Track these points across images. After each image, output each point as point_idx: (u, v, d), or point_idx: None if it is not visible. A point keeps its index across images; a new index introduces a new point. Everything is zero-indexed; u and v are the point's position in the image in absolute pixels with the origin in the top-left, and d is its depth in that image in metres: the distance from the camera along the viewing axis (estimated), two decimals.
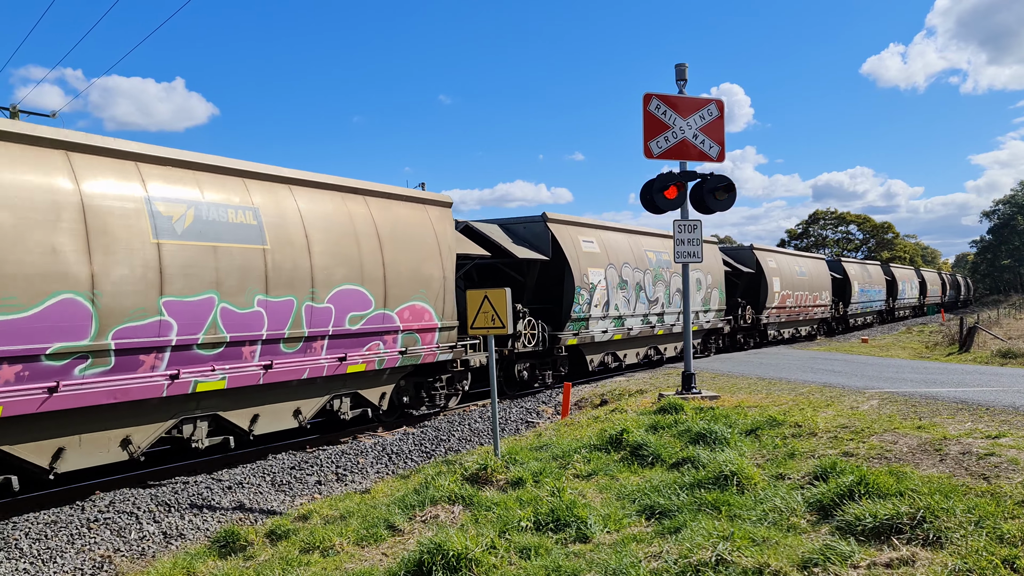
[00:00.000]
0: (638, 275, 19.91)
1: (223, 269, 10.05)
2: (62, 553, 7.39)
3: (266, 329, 10.60)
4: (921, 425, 8.18)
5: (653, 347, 21.42)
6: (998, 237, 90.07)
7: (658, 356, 21.84)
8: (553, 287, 17.56)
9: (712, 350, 25.41)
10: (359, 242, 12.18)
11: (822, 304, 33.49)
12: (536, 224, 17.59)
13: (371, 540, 6.56)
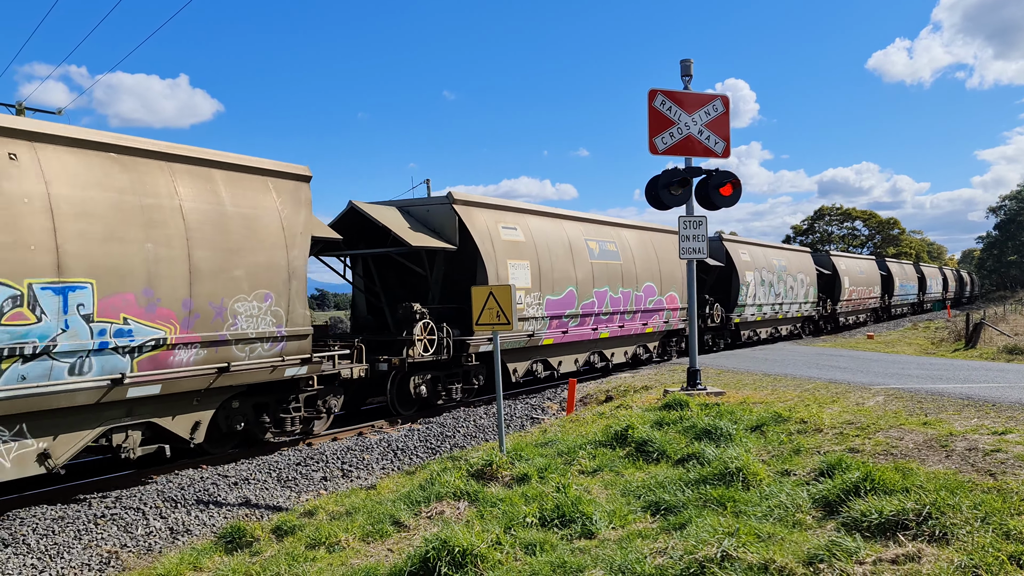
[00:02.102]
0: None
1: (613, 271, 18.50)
2: (69, 548, 7.43)
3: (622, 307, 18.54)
4: (927, 421, 8.16)
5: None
6: (1004, 233, 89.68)
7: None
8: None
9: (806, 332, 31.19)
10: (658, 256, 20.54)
11: (874, 296, 39.57)
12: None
13: (377, 536, 6.58)
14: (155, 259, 9.02)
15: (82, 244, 8.33)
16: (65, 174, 8.38)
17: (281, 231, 10.62)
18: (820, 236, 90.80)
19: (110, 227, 8.62)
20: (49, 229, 8.06)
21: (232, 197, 10.13)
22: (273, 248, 10.48)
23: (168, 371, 9.19)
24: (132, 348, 8.78)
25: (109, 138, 9.00)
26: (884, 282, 43.12)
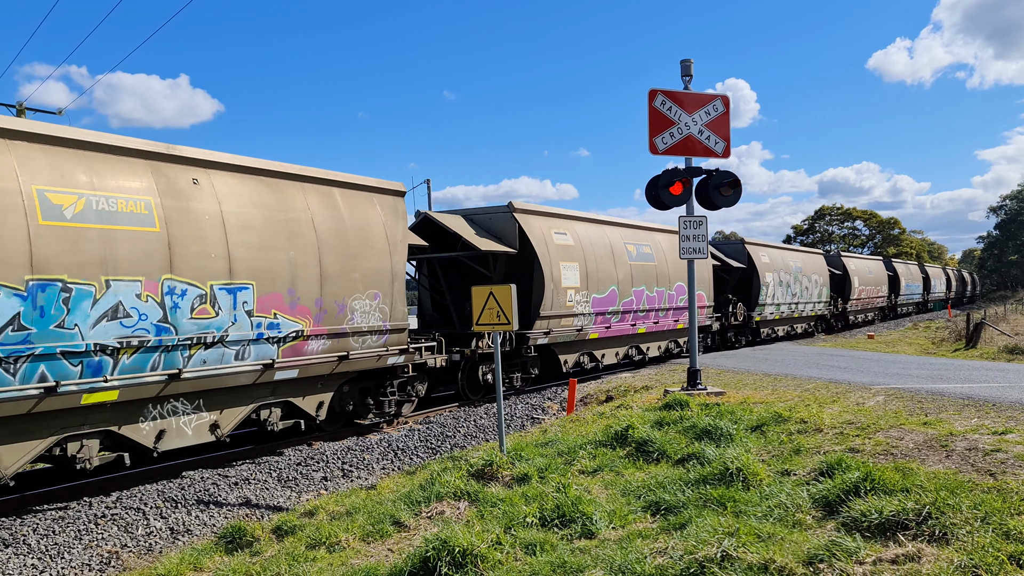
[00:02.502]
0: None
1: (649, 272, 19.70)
2: (70, 549, 7.43)
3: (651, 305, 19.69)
4: (927, 421, 8.16)
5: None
6: (1005, 233, 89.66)
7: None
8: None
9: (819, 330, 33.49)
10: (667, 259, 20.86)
11: (882, 296, 41.43)
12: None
13: (377, 536, 6.58)
14: (295, 264, 10.69)
15: (245, 252, 9.96)
16: (231, 195, 10.03)
17: (385, 239, 12.33)
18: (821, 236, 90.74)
19: (263, 238, 10.28)
20: (223, 240, 9.72)
21: (348, 211, 11.80)
22: (380, 254, 12.17)
23: (303, 358, 10.85)
24: (279, 338, 10.44)
25: (260, 164, 10.68)
26: (891, 282, 44.53)
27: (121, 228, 8.64)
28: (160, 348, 8.97)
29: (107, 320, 8.42)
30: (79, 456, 8.72)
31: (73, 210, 8.25)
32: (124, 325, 8.58)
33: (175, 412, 9.65)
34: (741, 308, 25.51)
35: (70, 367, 8.09)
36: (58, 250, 8.01)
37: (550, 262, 15.81)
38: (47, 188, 8.07)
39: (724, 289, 25.72)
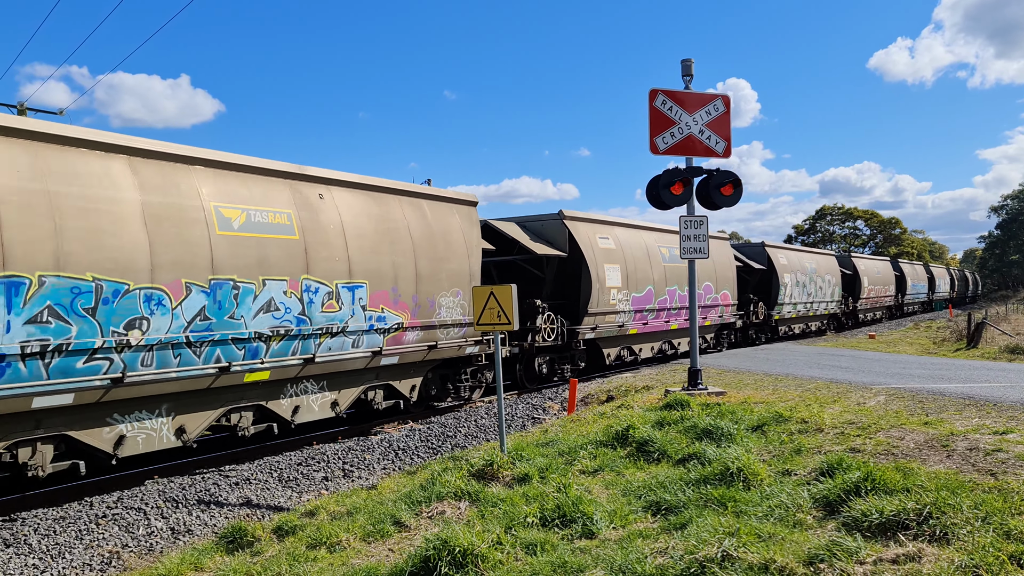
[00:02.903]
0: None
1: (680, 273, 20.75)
2: (71, 549, 7.44)
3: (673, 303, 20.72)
4: (928, 421, 8.16)
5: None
6: (1006, 232, 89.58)
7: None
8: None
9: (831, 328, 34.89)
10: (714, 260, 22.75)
11: (890, 295, 43.53)
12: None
13: (378, 536, 6.59)
14: (397, 266, 12.45)
15: (360, 256, 11.72)
16: (348, 208, 11.80)
17: (464, 244, 14.05)
18: (822, 236, 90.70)
19: (373, 244, 12.05)
20: (343, 246, 11.47)
21: (434, 220, 13.51)
22: (460, 256, 13.88)
23: (402, 347, 12.57)
24: (385, 329, 12.15)
25: (368, 180, 12.47)
26: (898, 281, 46.25)
27: (271, 236, 10.43)
28: (299, 336, 10.77)
29: (263, 313, 10.25)
30: (240, 426, 10.60)
31: (238, 222, 10.05)
32: (275, 317, 10.40)
33: (306, 391, 11.51)
34: (762, 307, 27.35)
35: (236, 351, 9.92)
36: (229, 255, 9.78)
37: (596, 264, 17.32)
38: (220, 204, 9.87)
39: (746, 289, 27.10)
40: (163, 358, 9.06)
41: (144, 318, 8.86)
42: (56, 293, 8.07)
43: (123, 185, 8.88)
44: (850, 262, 37.51)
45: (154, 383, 9.04)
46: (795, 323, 30.44)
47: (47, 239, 8.02)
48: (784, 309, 28.26)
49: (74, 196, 8.35)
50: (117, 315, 8.61)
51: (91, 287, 8.37)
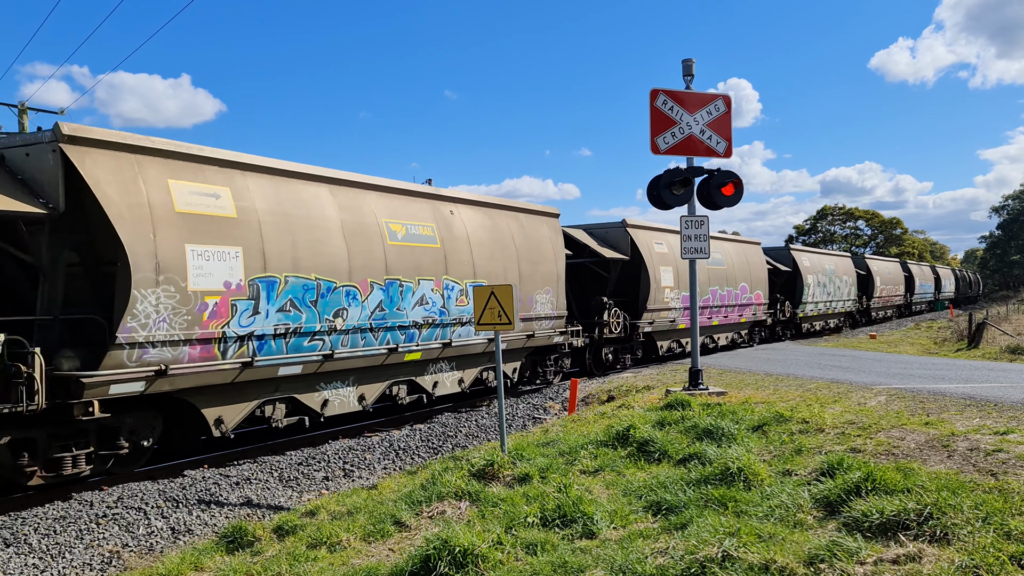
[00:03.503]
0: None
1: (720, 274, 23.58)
2: (71, 548, 7.44)
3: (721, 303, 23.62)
4: (929, 421, 8.15)
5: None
6: (1007, 232, 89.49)
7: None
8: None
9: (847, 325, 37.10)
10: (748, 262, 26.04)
11: (899, 294, 46.09)
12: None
13: (378, 536, 6.58)
14: (506, 268, 15.19)
15: (480, 260, 14.47)
16: (470, 221, 14.62)
17: (552, 249, 16.89)
18: (823, 236, 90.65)
19: (489, 250, 14.82)
20: (469, 252, 14.21)
21: (530, 230, 16.38)
22: (549, 260, 16.65)
23: (511, 335, 15.09)
24: None
25: (483, 199, 15.51)
26: (907, 282, 48.79)
27: (422, 245, 13.15)
28: (440, 325, 13.41)
29: (418, 306, 12.94)
30: (399, 396, 13.30)
31: (401, 234, 12.79)
32: (425, 309, 13.10)
33: (441, 370, 14.17)
34: (788, 306, 29.84)
35: (400, 336, 12.60)
36: (396, 260, 12.52)
37: (653, 266, 20.07)
38: (388, 220, 12.61)
39: (773, 289, 29.17)
40: (354, 340, 11.78)
41: (344, 309, 11.60)
42: (294, 289, 10.76)
43: (328, 206, 11.59)
44: (864, 263, 40.03)
45: (349, 359, 11.75)
46: (816, 320, 33.00)
47: (288, 249, 10.67)
48: (807, 308, 30.92)
49: (302, 216, 11.05)
50: (328, 306, 11.32)
51: (314, 285, 11.06)
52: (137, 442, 9.67)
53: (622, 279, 20.16)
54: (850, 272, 36.71)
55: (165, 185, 9.40)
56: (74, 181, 8.63)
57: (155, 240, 9.03)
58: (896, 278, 45.46)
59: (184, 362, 9.38)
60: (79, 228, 9.08)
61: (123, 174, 8.98)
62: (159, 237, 9.08)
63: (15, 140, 9.32)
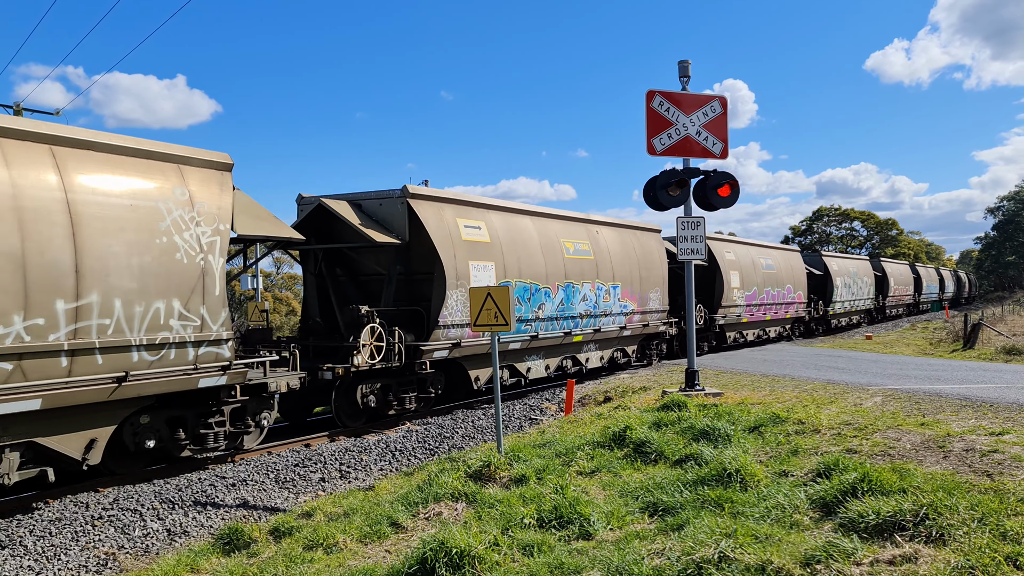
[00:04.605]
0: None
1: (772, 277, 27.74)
2: (66, 550, 7.42)
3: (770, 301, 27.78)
4: (924, 422, 8.16)
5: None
6: (1003, 233, 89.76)
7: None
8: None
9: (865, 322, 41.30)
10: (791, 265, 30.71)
11: (909, 294, 50.78)
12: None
13: (374, 537, 6.58)
14: (630, 273, 19.36)
15: (616, 267, 18.81)
16: (608, 238, 19.02)
17: (659, 258, 21.03)
18: (819, 237, 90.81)
19: (620, 259, 19.05)
20: (609, 261, 18.62)
21: (644, 243, 20.63)
22: (657, 266, 20.87)
23: (633, 324, 19.52)
24: (626, 313, 19.15)
25: (614, 220, 19.83)
26: (915, 282, 53.38)
27: (582, 257, 17.64)
28: (593, 316, 17.79)
29: (581, 302, 17.37)
30: (565, 368, 17.91)
31: (571, 249, 17.33)
32: (585, 304, 17.48)
33: (590, 349, 18.48)
34: (820, 305, 33.97)
35: (571, 323, 17.02)
36: (570, 268, 17.06)
37: (726, 271, 24.28)
38: (564, 239, 17.18)
39: (808, 290, 32.74)
40: (548, 326, 16.20)
41: (543, 304, 16.04)
42: (519, 290, 15.26)
43: (531, 231, 16.28)
44: (880, 266, 44.92)
45: (544, 339, 16.13)
46: (843, 317, 37.53)
47: (515, 262, 15.27)
48: (836, 306, 35.31)
49: (519, 239, 15.69)
50: (535, 302, 15.77)
51: (528, 287, 15.53)
52: (436, 390, 14.45)
53: (700, 280, 23.70)
54: (869, 274, 41.28)
55: (456, 222, 14.14)
56: (413, 221, 13.47)
57: (455, 258, 13.71)
58: (907, 279, 50.20)
59: (466, 339, 14.02)
60: (402, 250, 13.91)
61: (437, 216, 13.76)
62: (457, 256, 13.76)
63: (370, 194, 14.10)
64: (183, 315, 9.55)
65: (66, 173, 8.60)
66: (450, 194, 14.38)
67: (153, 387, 9.28)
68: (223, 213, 10.12)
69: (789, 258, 30.93)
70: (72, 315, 8.37)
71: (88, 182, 8.78)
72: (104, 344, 8.68)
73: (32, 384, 8.06)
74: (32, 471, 8.49)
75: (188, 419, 10.24)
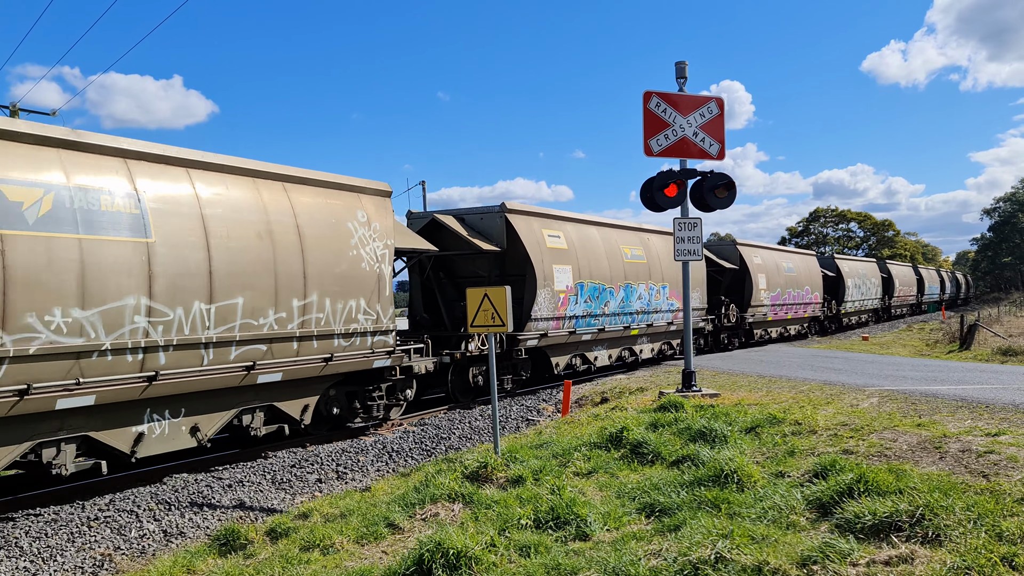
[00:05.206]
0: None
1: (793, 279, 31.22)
2: (62, 551, 7.40)
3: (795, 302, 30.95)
4: (921, 423, 8.18)
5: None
6: (999, 235, 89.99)
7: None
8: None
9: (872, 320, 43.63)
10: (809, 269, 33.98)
11: (912, 294, 53.50)
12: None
13: (371, 538, 6.57)
14: (675, 275, 21.04)
15: (664, 269, 21.35)
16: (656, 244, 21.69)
17: (700, 263, 23.17)
18: (815, 238, 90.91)
19: (667, 262, 21.38)
20: (659, 264, 21.20)
21: None
22: (699, 269, 22.90)
23: (677, 321, 21.86)
24: (672, 310, 21.66)
25: (659, 228, 22.72)
26: (918, 283, 55.88)
27: (638, 261, 20.14)
28: (646, 312, 20.35)
29: (637, 300, 19.99)
30: (624, 358, 20.61)
31: (628, 254, 19.83)
32: (640, 302, 20.03)
33: (644, 342, 21.10)
34: (833, 304, 36.91)
35: (629, 319, 19.62)
36: (628, 270, 19.60)
37: (754, 274, 27.01)
38: (623, 246, 19.82)
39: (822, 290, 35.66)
40: (611, 321, 18.77)
41: (608, 302, 18.61)
42: (590, 289, 17.98)
43: (597, 239, 19.01)
44: (886, 268, 47.60)
45: (608, 332, 18.86)
46: (852, 316, 40.13)
47: (586, 266, 17.97)
48: (847, 305, 38.00)
49: (588, 246, 18.38)
50: (602, 299, 18.36)
51: (596, 287, 18.12)
52: (526, 373, 17.23)
53: (732, 282, 27.22)
54: (876, 275, 43.98)
55: (541, 232, 16.95)
56: (510, 232, 16.21)
57: (542, 262, 16.33)
58: (910, 280, 53.06)
59: (551, 330, 16.71)
60: (498, 256, 16.64)
61: (528, 227, 16.51)
62: (543, 261, 16.40)
63: (471, 210, 16.90)
64: (366, 311, 12.27)
65: (294, 202, 11.26)
66: (537, 209, 17.40)
67: (346, 366, 12.01)
68: (389, 231, 12.89)
69: (807, 261, 34.04)
70: (301, 310, 11.04)
71: (305, 208, 11.39)
72: (319, 332, 11.33)
73: (277, 362, 10.68)
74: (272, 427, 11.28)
75: (359, 393, 12.94)
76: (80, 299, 8.39)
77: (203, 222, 9.81)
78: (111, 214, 8.81)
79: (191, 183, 9.89)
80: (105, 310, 8.63)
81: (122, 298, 8.78)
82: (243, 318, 10.15)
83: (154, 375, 9.12)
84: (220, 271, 9.88)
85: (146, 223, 9.16)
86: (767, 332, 29.27)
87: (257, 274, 10.35)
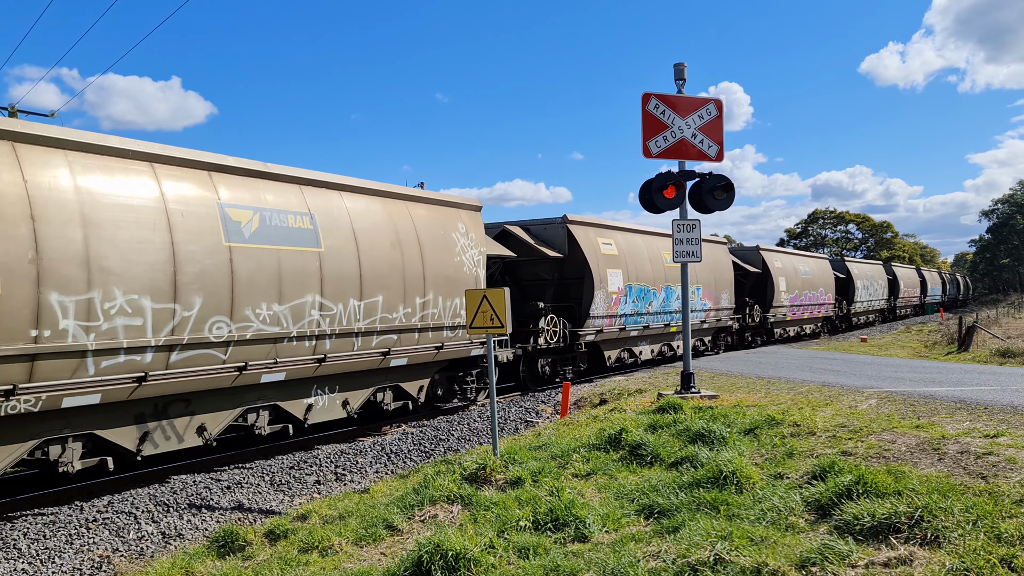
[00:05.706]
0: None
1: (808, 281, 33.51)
2: (60, 553, 7.39)
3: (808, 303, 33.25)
4: (919, 424, 8.18)
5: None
6: (997, 236, 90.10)
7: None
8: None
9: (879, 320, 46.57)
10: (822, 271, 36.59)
11: (916, 295, 55.68)
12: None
13: (370, 540, 6.57)
14: (707, 278, 23.59)
15: (700, 273, 22.87)
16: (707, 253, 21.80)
17: (728, 268, 26.28)
18: (814, 239, 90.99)
19: (701, 267, 22.66)
20: (695, 269, 21.25)
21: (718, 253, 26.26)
22: (727, 272, 26.04)
23: (709, 320, 24.18)
24: (705, 310, 23.72)
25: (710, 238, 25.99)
26: (921, 285, 58.36)
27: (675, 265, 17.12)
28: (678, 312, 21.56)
29: (676, 300, 21.69)
30: (664, 353, 22.79)
31: (668, 259, 21.17)
32: (678, 302, 21.21)
33: (679, 338, 22.09)
34: (844, 304, 39.40)
35: (668, 317, 21.71)
36: (668, 274, 21.49)
37: (776, 277, 29.28)
38: (663, 251, 21.84)
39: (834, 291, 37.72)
40: (654, 319, 20.98)
41: (651, 302, 20.63)
42: (637, 290, 19.98)
43: (642, 245, 21.09)
44: (891, 269, 50.30)
45: (651, 330, 21.05)
46: (861, 315, 42.47)
47: (633, 269, 20.06)
48: (856, 306, 40.26)
49: (634, 252, 20.45)
50: (646, 300, 20.35)
51: (642, 288, 20.19)
52: (584, 363, 19.47)
53: (755, 285, 29.46)
54: (883, 277, 46.44)
55: (596, 240, 19.03)
56: (571, 240, 18.23)
57: (598, 267, 18.39)
58: (914, 282, 55.77)
59: (605, 327, 18.86)
60: (559, 262, 18.49)
61: (585, 236, 18.63)
62: (599, 265, 18.49)
63: (534, 221, 19.05)
64: None
65: (413, 217, 13.56)
66: (592, 219, 19.64)
67: (452, 353, 14.31)
68: (481, 240, 15.13)
69: (820, 264, 36.62)
70: (422, 306, 13.26)
71: (422, 222, 13.67)
72: (433, 325, 13.54)
73: (404, 348, 12.93)
74: (399, 403, 13.69)
75: (455, 378, 15.26)
76: (278, 296, 10.58)
77: (354, 235, 12.04)
78: (296, 230, 11.08)
79: (344, 203, 12.18)
80: (293, 305, 10.81)
81: (304, 296, 10.95)
82: (382, 312, 12.37)
83: (323, 358, 11.34)
84: (367, 274, 12.11)
85: (318, 236, 11.40)
86: (786, 331, 31.69)
87: (391, 276, 12.58)
